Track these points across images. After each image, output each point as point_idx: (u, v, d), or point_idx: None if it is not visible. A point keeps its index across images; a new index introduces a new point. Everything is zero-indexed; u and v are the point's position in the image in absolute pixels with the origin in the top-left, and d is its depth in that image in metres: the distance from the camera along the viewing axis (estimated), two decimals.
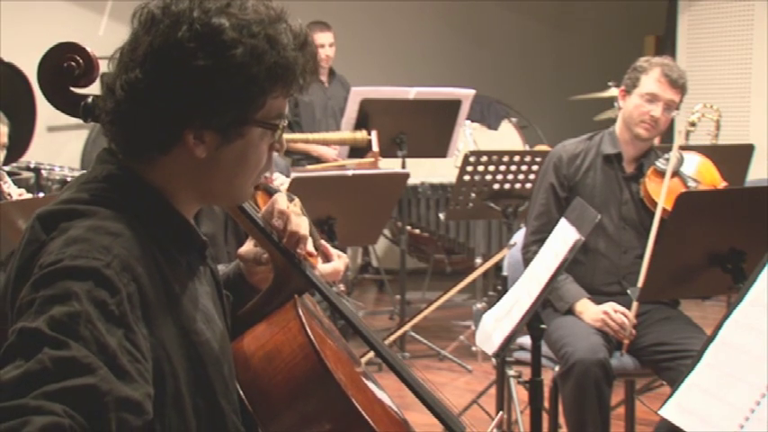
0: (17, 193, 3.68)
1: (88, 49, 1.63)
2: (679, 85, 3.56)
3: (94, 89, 1.65)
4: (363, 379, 1.72)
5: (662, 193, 3.50)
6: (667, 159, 3.62)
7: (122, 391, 1.30)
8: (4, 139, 3.74)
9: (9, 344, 1.30)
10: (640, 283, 3.34)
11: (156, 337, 1.42)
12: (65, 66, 1.61)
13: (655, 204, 3.53)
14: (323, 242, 2.10)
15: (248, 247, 1.79)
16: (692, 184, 3.61)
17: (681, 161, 3.66)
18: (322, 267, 2.12)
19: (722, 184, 3.71)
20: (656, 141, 4.00)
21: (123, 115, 1.49)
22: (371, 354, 2.62)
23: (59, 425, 1.23)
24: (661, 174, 3.60)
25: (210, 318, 1.57)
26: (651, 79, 3.55)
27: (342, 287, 1.85)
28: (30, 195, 3.77)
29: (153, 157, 1.52)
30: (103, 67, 1.63)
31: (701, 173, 3.69)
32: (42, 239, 1.42)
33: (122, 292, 1.37)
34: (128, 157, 1.53)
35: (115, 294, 1.35)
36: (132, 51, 1.49)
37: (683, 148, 3.74)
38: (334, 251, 2.18)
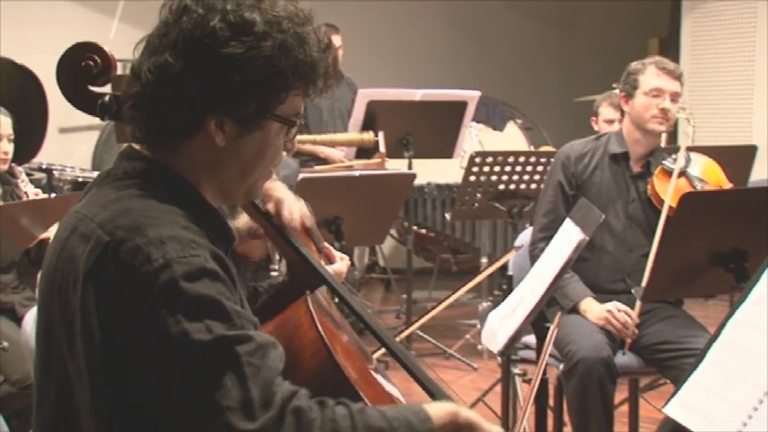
0: (33, 192, 3.71)
1: (105, 48, 1.67)
2: (677, 75, 3.61)
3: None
4: (374, 374, 1.74)
5: (668, 192, 3.53)
6: (674, 159, 3.64)
7: None
8: (9, 130, 3.74)
9: (205, 362, 1.39)
10: (644, 283, 3.36)
11: None
12: (83, 65, 1.65)
13: (662, 203, 3.55)
14: (326, 244, 2.13)
15: (243, 220, 1.85)
16: (698, 184, 3.63)
17: (688, 161, 3.68)
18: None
19: (727, 186, 3.73)
20: (664, 141, 4.01)
21: (148, 98, 1.52)
22: (382, 350, 2.65)
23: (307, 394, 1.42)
24: (669, 173, 3.61)
25: (246, 306, 1.61)
26: (651, 76, 3.59)
27: None
28: (45, 195, 3.79)
29: (174, 144, 1.55)
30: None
31: (707, 173, 3.71)
32: (105, 241, 1.45)
33: (225, 278, 1.47)
34: (149, 145, 1.57)
35: (224, 282, 1.46)
36: (162, 37, 1.52)
37: (689, 149, 3.76)
38: (336, 253, 2.20)
